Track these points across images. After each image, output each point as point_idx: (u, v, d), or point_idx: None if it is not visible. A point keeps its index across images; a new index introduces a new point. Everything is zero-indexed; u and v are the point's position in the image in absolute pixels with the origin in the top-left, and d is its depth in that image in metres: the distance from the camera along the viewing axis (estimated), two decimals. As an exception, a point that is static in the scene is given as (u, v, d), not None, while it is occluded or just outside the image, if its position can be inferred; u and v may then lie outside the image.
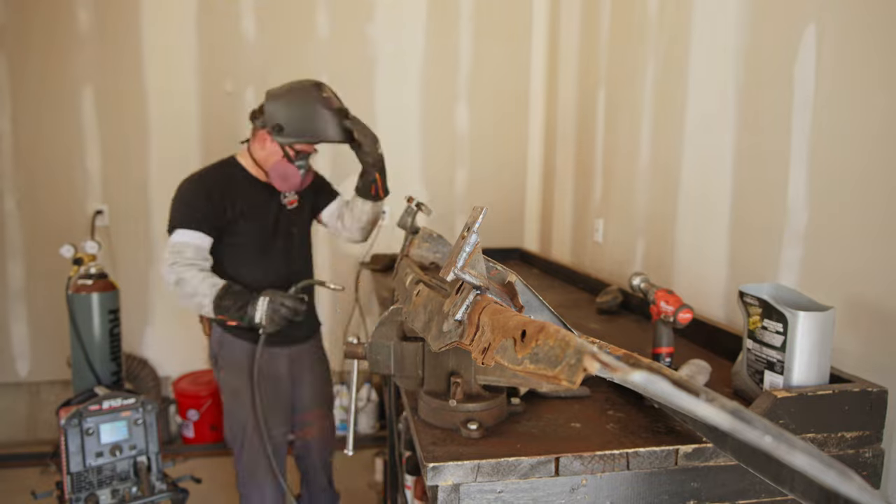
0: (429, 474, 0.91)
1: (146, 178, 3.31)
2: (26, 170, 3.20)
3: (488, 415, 1.04)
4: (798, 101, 1.47)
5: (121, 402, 2.06)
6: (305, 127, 1.93)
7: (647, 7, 2.22)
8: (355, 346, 1.17)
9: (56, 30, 3.13)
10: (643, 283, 1.48)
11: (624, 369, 0.49)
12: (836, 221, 1.36)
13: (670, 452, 0.98)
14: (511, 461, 0.93)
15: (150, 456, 2.10)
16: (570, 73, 3.04)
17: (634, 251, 2.34)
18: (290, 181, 1.98)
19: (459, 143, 3.55)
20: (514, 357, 0.73)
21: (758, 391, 1.13)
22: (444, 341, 0.92)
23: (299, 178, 2.00)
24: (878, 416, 1.03)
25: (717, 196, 1.80)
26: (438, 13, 3.43)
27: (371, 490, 2.95)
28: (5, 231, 3.22)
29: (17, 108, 3.16)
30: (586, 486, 0.98)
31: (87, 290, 2.33)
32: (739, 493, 1.03)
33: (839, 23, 1.36)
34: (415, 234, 1.75)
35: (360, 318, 3.34)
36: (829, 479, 0.41)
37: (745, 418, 0.44)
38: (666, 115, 2.11)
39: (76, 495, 1.96)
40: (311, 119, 1.93)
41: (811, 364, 1.07)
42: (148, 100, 3.26)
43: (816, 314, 1.06)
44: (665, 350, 1.34)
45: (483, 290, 0.89)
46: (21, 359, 3.31)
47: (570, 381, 0.61)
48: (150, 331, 3.42)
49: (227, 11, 3.26)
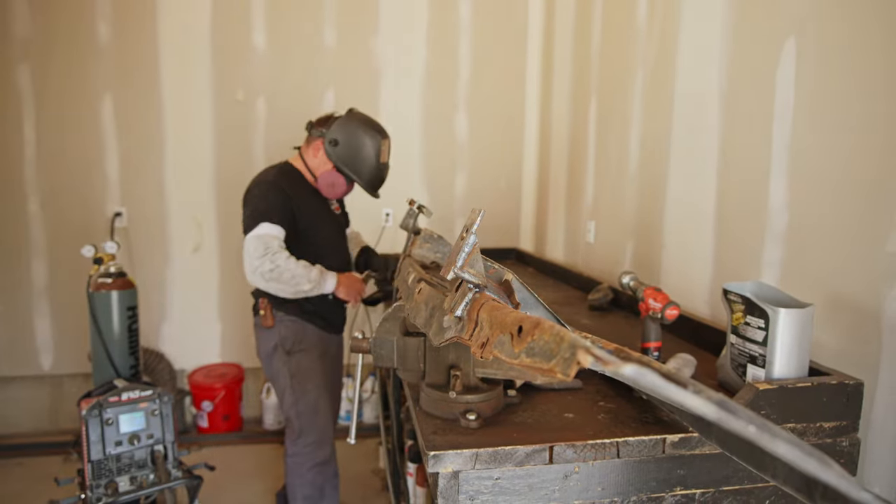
0: (430, 462, 0.91)
1: (162, 182, 3.31)
2: (49, 174, 3.20)
3: (486, 406, 1.04)
4: (779, 109, 1.47)
5: (139, 393, 2.06)
6: (354, 159, 2.06)
7: (635, 21, 2.22)
8: (360, 341, 1.17)
9: (77, 42, 3.13)
10: (632, 281, 1.48)
11: (616, 363, 0.49)
12: (815, 223, 1.36)
13: (658, 441, 0.98)
14: (508, 450, 0.93)
15: (166, 445, 2.10)
16: (564, 83, 3.04)
17: (624, 251, 2.34)
18: (336, 189, 2.10)
19: (459, 149, 3.55)
20: (512, 351, 0.73)
21: (741, 383, 1.13)
22: (445, 336, 0.92)
23: (345, 188, 2.12)
24: (854, 407, 1.03)
25: (702, 199, 1.80)
26: (439, 27, 3.43)
27: (375, 477, 2.95)
28: (30, 232, 3.22)
29: (41, 116, 3.15)
30: (579, 473, 0.98)
31: (107, 288, 2.33)
32: (723, 479, 1.03)
33: (819, 35, 1.36)
34: (416, 234, 1.74)
35: (364, 315, 3.34)
36: (809, 466, 0.41)
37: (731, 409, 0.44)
38: (654, 122, 2.11)
39: (96, 482, 1.96)
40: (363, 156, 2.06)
41: (791, 358, 1.07)
42: (164, 108, 3.25)
43: (796, 311, 1.06)
44: (653, 344, 1.33)
45: (481, 288, 0.89)
46: (45, 353, 3.31)
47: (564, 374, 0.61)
48: (166, 326, 3.41)
49: (240, 25, 3.26)
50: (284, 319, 2.13)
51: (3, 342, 3.26)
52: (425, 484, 1.97)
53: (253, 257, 1.92)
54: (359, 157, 2.07)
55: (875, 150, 1.21)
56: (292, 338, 2.13)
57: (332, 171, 2.08)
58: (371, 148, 2.07)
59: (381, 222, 3.40)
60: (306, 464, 2.14)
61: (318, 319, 2.17)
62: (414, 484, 2.04)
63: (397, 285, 1.46)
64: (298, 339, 2.14)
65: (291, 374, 2.13)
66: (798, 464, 0.41)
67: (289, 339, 2.13)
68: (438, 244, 1.66)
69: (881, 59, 1.19)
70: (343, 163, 2.07)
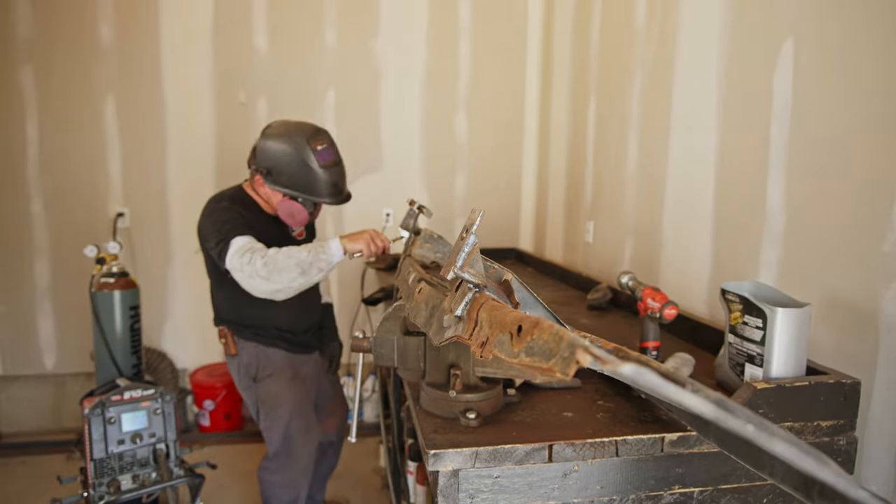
0: (430, 460, 0.91)
1: (164, 183, 3.31)
2: (52, 175, 3.20)
3: (486, 405, 1.04)
4: (777, 110, 1.47)
5: (141, 392, 2.06)
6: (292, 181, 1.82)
7: (634, 22, 2.22)
8: (361, 341, 1.17)
9: (80, 43, 3.13)
10: (631, 281, 1.48)
11: (614, 362, 0.49)
12: (813, 223, 1.36)
13: (656, 440, 0.98)
14: (507, 448, 0.93)
15: (168, 443, 2.10)
16: (563, 84, 3.04)
17: (623, 251, 2.34)
18: (297, 218, 1.91)
19: (459, 149, 3.55)
20: (511, 350, 0.73)
21: (739, 382, 1.13)
22: (445, 336, 0.92)
23: (306, 215, 1.92)
24: (851, 406, 1.03)
25: (700, 199, 1.80)
26: (439, 28, 3.42)
27: (376, 475, 2.95)
28: (33, 232, 3.22)
29: (44, 117, 3.15)
30: (578, 471, 0.98)
31: (110, 287, 2.33)
32: (721, 478, 1.03)
33: (815, 37, 1.36)
34: (417, 234, 1.74)
35: (365, 314, 3.34)
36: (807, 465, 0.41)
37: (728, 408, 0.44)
38: (652, 123, 2.11)
39: (99, 480, 1.96)
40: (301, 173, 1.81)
41: (789, 357, 1.07)
42: (166, 109, 3.26)
43: (794, 310, 1.06)
44: (652, 344, 1.33)
45: (481, 288, 0.89)
46: (48, 352, 3.31)
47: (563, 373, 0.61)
48: (168, 326, 3.41)
49: (241, 26, 3.26)
50: (246, 346, 2.01)
51: (6, 342, 3.27)
52: (425, 482, 1.97)
53: (243, 269, 1.73)
54: (297, 175, 1.83)
55: (871, 151, 1.21)
56: (255, 364, 2.01)
57: (283, 200, 1.89)
58: (300, 158, 1.81)
59: (382, 222, 3.40)
60: (274, 483, 2.06)
61: (282, 342, 2.02)
62: (414, 482, 2.03)
63: (398, 285, 1.46)
64: (263, 365, 2.01)
65: (260, 400, 2.03)
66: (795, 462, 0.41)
67: (252, 366, 2.02)
68: (438, 244, 1.66)
69: (876, 61, 1.19)
70: (287, 188, 1.85)
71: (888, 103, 1.17)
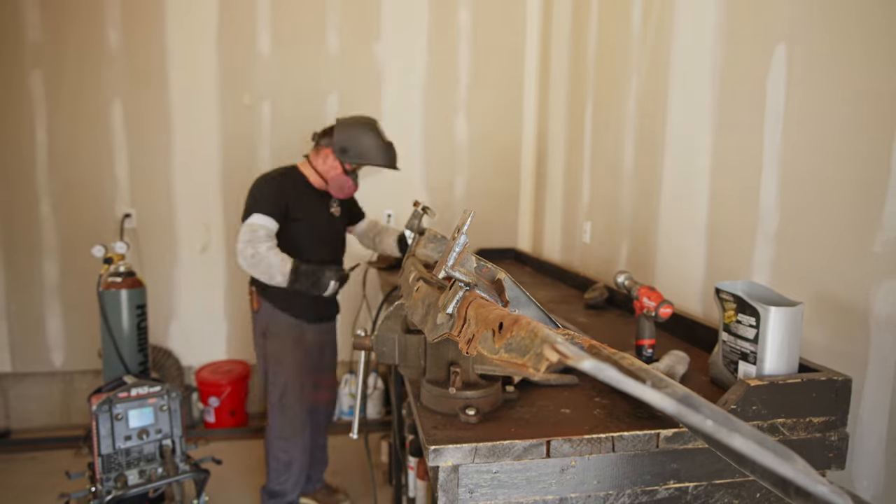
0: (430, 456, 0.91)
1: (170, 184, 3.31)
2: (61, 176, 3.20)
3: (485, 401, 1.04)
4: (770, 113, 1.47)
5: (147, 389, 2.06)
6: (363, 152, 2.26)
7: (630, 26, 2.22)
8: (363, 339, 1.17)
9: (88, 48, 3.13)
10: (627, 280, 1.48)
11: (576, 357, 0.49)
12: (805, 224, 1.36)
13: (652, 436, 0.98)
14: (506, 444, 0.93)
15: (174, 439, 2.10)
16: (561, 88, 3.04)
17: (619, 251, 2.34)
18: (345, 190, 2.29)
19: (459, 151, 3.55)
20: (493, 347, 0.73)
21: (732, 380, 1.13)
22: (438, 333, 0.92)
23: (353, 188, 2.31)
24: (843, 403, 1.03)
25: (695, 200, 1.80)
26: (439, 33, 3.43)
27: (377, 470, 2.95)
28: (41, 233, 3.22)
29: (52, 120, 3.15)
30: (575, 466, 0.98)
31: (117, 286, 2.33)
32: (716, 473, 1.03)
33: (807, 42, 1.36)
34: (421, 234, 1.74)
35: (367, 313, 3.34)
36: (766, 460, 0.40)
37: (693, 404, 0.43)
38: (648, 126, 2.11)
39: (106, 475, 1.96)
40: (369, 147, 2.27)
41: (782, 355, 1.07)
42: (172, 112, 3.26)
43: (786, 309, 1.06)
44: (647, 342, 1.33)
45: (471, 286, 0.89)
46: (56, 350, 3.31)
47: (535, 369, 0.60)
48: (174, 324, 3.41)
49: (245, 31, 3.26)
50: (264, 304, 2.31)
51: (16, 340, 3.27)
52: (426, 477, 1.97)
53: (241, 242, 2.09)
54: (369, 148, 2.27)
55: (862, 152, 1.21)
56: (267, 322, 2.31)
57: (339, 174, 2.27)
58: (372, 138, 2.27)
59: (384, 222, 3.40)
60: (271, 436, 2.35)
61: (290, 309, 2.31)
62: (415, 477, 2.04)
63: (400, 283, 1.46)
64: (273, 323, 2.31)
65: (266, 355, 2.34)
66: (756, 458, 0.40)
67: (264, 324, 2.32)
68: (442, 244, 1.65)
69: (866, 64, 1.19)
70: (358, 160, 2.26)
71: (878, 105, 1.17)
